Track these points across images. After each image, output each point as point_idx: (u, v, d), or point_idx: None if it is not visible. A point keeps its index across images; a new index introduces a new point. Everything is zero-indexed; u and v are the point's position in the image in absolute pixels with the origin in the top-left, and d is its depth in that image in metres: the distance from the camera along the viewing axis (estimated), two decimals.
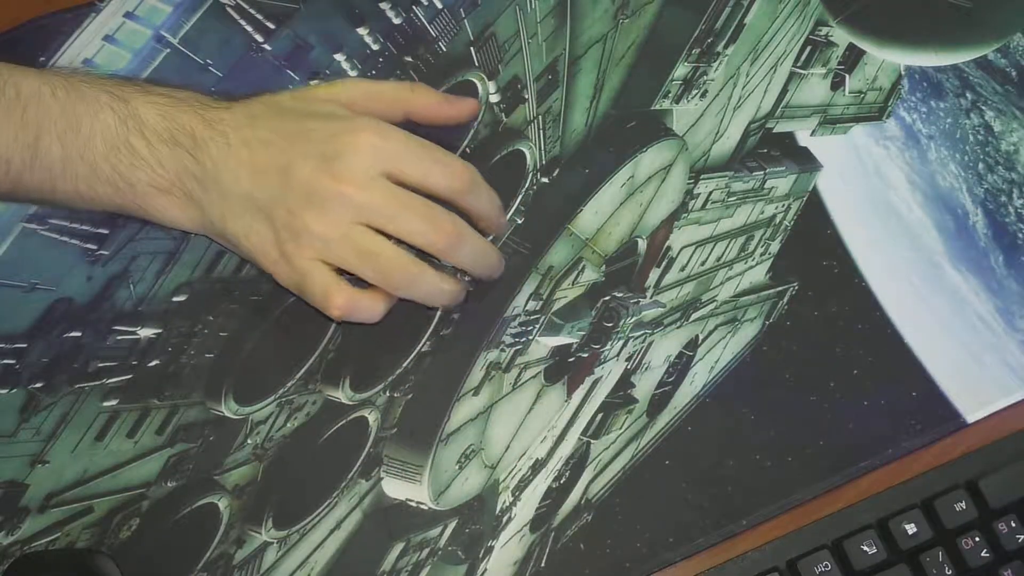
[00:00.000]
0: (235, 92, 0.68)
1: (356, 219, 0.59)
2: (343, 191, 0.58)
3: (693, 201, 0.70)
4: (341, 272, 0.61)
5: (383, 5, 0.71)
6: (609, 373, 0.67)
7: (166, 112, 0.60)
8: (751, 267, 0.70)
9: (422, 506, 0.64)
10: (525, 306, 0.67)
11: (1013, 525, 0.63)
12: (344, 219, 0.59)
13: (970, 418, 0.67)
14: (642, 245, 0.69)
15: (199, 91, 0.63)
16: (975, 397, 0.67)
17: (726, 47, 0.73)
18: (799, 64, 0.73)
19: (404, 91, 0.65)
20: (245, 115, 0.60)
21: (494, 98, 0.70)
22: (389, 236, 0.60)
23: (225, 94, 0.63)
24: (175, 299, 0.65)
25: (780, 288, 0.69)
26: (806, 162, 0.72)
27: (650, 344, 0.67)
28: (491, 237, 0.66)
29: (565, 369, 0.67)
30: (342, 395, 0.65)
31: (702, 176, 0.71)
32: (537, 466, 0.65)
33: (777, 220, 0.71)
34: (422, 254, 0.61)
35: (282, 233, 0.59)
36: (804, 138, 0.72)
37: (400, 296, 0.62)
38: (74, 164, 0.59)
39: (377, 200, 0.59)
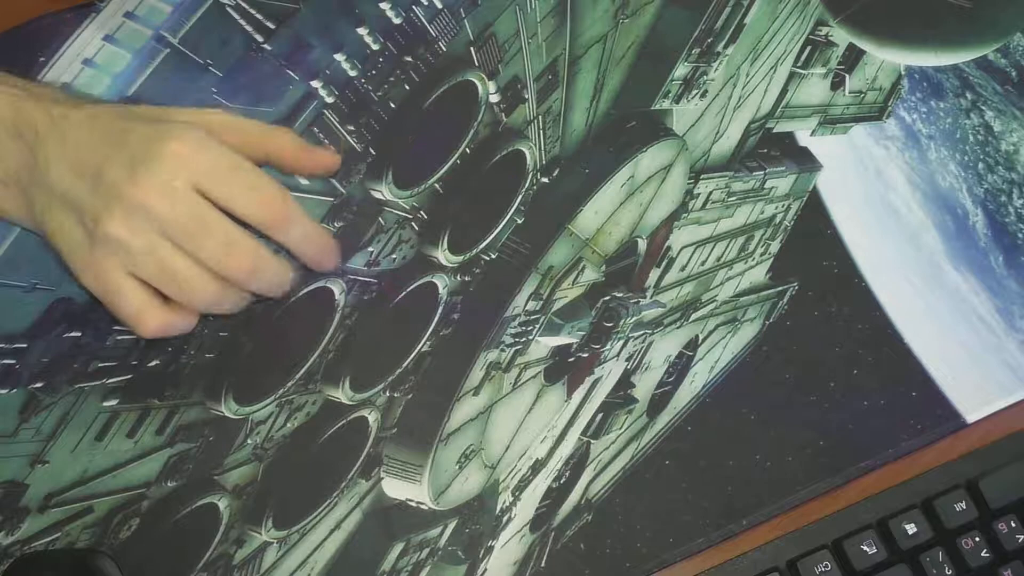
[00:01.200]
0: (235, 92, 0.68)
1: (158, 231, 0.56)
2: (145, 201, 0.56)
3: (693, 201, 0.70)
4: None
5: (383, 5, 0.71)
6: (609, 373, 0.67)
7: (15, 104, 0.58)
8: (751, 267, 0.70)
9: (422, 506, 0.64)
10: (525, 306, 0.67)
11: (1013, 525, 0.63)
12: (145, 230, 0.56)
13: (970, 418, 0.67)
14: (642, 245, 0.69)
15: (52, 87, 0.62)
16: (975, 397, 0.67)
17: (726, 47, 0.73)
18: (799, 64, 0.73)
19: (266, 133, 0.63)
20: (88, 115, 0.58)
21: (494, 98, 0.70)
22: None
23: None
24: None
25: (780, 288, 0.69)
26: (806, 162, 0.72)
27: (650, 344, 0.67)
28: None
29: (565, 369, 0.67)
30: (342, 395, 0.65)
31: (702, 176, 0.71)
32: (537, 466, 0.65)
33: (777, 220, 0.71)
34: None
35: (90, 237, 0.57)
36: (804, 138, 0.72)
37: (207, 312, 0.60)
38: None
39: (176, 215, 0.56)
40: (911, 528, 0.63)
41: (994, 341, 0.69)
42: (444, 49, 0.71)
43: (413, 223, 0.68)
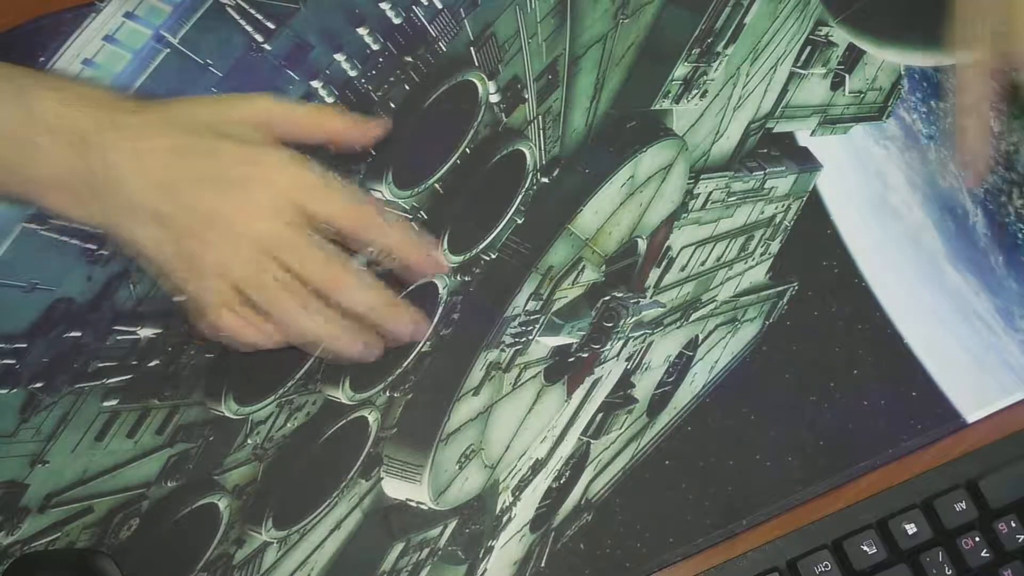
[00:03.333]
0: (235, 92, 0.68)
1: (254, 247, 0.59)
2: (244, 220, 0.59)
3: (693, 201, 0.70)
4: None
5: (383, 5, 0.71)
6: (609, 373, 0.67)
7: (60, 109, 0.59)
8: (751, 267, 0.70)
9: (422, 506, 0.64)
10: (525, 306, 0.67)
11: (1013, 525, 0.63)
12: (243, 246, 0.59)
13: (970, 418, 0.67)
14: (642, 245, 0.69)
15: (103, 88, 0.63)
16: (975, 397, 0.67)
17: (726, 47, 0.73)
18: (799, 64, 0.73)
19: (318, 115, 0.65)
20: (155, 123, 0.60)
21: (494, 98, 0.70)
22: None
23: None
24: (175, 299, 0.65)
25: (780, 288, 0.69)
26: (806, 162, 0.72)
27: (650, 344, 0.67)
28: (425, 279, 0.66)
29: (565, 369, 0.67)
30: (342, 395, 0.65)
31: (702, 176, 0.71)
32: (537, 466, 0.65)
33: (777, 220, 0.71)
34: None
35: (184, 248, 0.59)
36: (804, 138, 0.72)
37: (286, 334, 0.61)
38: None
39: (273, 233, 0.59)
40: (911, 528, 0.63)
41: (994, 341, 0.69)
42: (444, 49, 0.71)
43: (413, 223, 0.68)
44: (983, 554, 0.63)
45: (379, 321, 0.62)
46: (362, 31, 0.70)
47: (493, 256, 0.68)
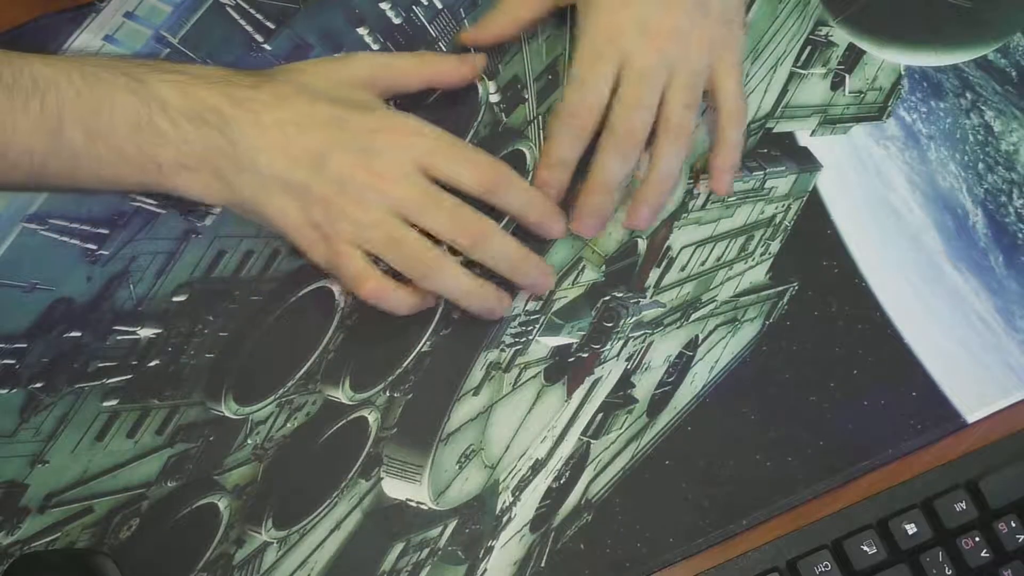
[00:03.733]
0: None
1: (388, 210, 0.61)
2: (378, 185, 0.61)
3: (693, 201, 0.70)
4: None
5: (383, 5, 0.71)
6: (609, 373, 0.67)
7: (186, 90, 0.60)
8: (751, 267, 0.70)
9: (422, 506, 0.64)
10: (525, 306, 0.67)
11: (1013, 525, 0.63)
12: (376, 209, 0.61)
13: (970, 418, 0.67)
14: (642, 245, 0.69)
15: (215, 66, 0.64)
16: (975, 397, 0.67)
17: None
18: (799, 64, 0.74)
19: (417, 61, 0.68)
20: (275, 95, 0.61)
21: (494, 98, 0.70)
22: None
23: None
24: (175, 299, 0.65)
25: (780, 288, 0.69)
26: (806, 162, 0.72)
27: (650, 344, 0.67)
28: (551, 245, 0.67)
29: (565, 369, 0.67)
30: (342, 395, 0.65)
31: (702, 176, 0.70)
32: (537, 466, 0.65)
33: (777, 220, 0.71)
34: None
35: (317, 217, 0.61)
36: (804, 138, 0.72)
37: (426, 287, 0.63)
38: (97, 148, 0.59)
39: (409, 195, 0.61)
40: (911, 528, 0.63)
41: (994, 341, 0.69)
42: (444, 49, 0.71)
43: None
44: (983, 554, 0.63)
45: (512, 273, 0.64)
46: (362, 31, 0.71)
47: None
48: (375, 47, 0.70)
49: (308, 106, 0.61)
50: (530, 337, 0.67)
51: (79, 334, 0.64)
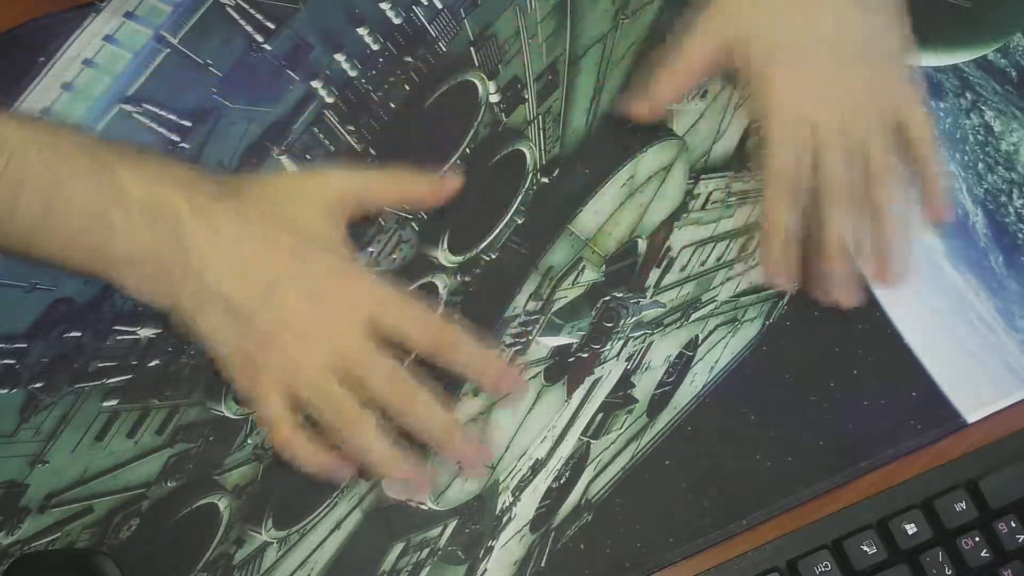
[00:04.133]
0: (235, 92, 0.68)
1: (325, 358, 0.59)
2: (323, 331, 0.59)
3: (693, 201, 0.70)
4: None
5: (383, 5, 0.71)
6: (609, 373, 0.67)
7: (149, 185, 0.58)
8: (751, 267, 0.70)
9: (422, 506, 0.64)
10: (525, 306, 0.67)
11: (1013, 525, 0.63)
12: (314, 354, 0.59)
13: (970, 418, 0.67)
14: (642, 245, 0.69)
15: (189, 164, 0.62)
16: (975, 397, 0.67)
17: None
18: None
19: (392, 182, 0.65)
20: (235, 213, 0.59)
21: (494, 98, 0.70)
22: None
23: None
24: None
25: (780, 288, 0.69)
26: None
27: (650, 344, 0.67)
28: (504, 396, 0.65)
29: (565, 369, 0.67)
30: None
31: (702, 176, 0.71)
32: (537, 466, 0.65)
33: None
34: None
35: (250, 349, 0.59)
36: None
37: (344, 445, 0.60)
38: (52, 224, 0.57)
39: (350, 348, 0.59)
40: (911, 528, 0.63)
41: (994, 341, 0.69)
42: (444, 49, 0.71)
43: (413, 223, 0.68)
44: (983, 554, 0.63)
45: (441, 445, 0.61)
46: (362, 31, 0.70)
47: (493, 256, 0.68)
48: (375, 47, 0.70)
49: (268, 231, 0.59)
50: (530, 337, 0.67)
51: (79, 334, 0.64)
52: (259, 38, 0.70)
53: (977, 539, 0.63)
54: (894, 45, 0.67)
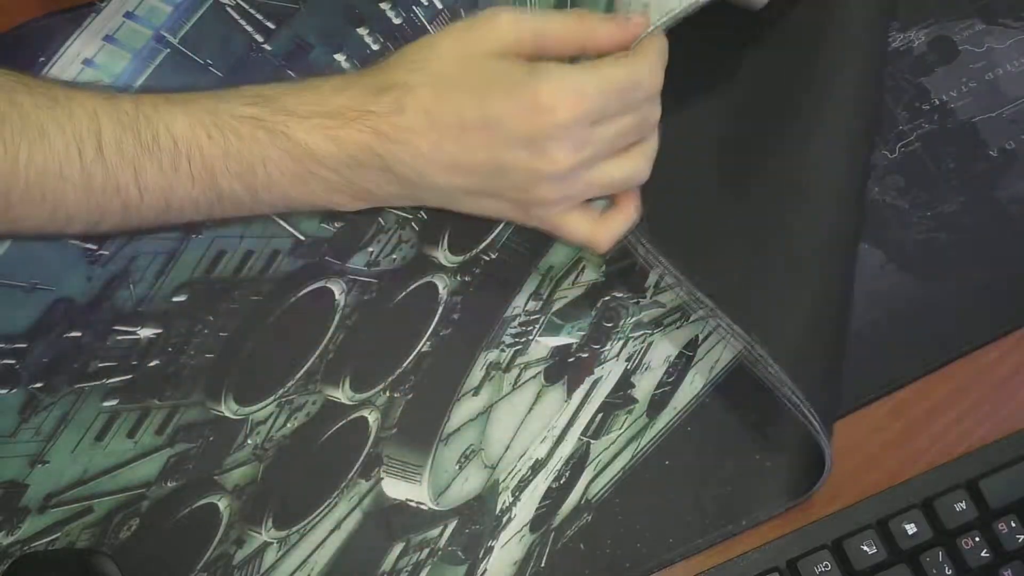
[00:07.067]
0: None
1: (582, 170, 0.59)
2: (563, 165, 0.58)
3: None
4: None
5: (383, 5, 0.71)
6: (609, 373, 0.67)
7: (331, 136, 0.57)
8: None
9: (422, 506, 0.64)
10: (525, 306, 0.67)
11: (1013, 525, 0.63)
12: (572, 179, 0.60)
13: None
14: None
15: (339, 80, 0.60)
16: None
17: None
18: None
19: (575, 24, 0.60)
20: (421, 114, 0.57)
21: None
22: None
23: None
24: (175, 299, 0.65)
25: None
26: None
27: (650, 344, 0.67)
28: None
29: (565, 369, 0.67)
30: (342, 395, 0.65)
31: None
32: (537, 466, 0.65)
33: None
34: None
35: (519, 204, 0.61)
36: None
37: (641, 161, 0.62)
38: (260, 197, 0.59)
39: (591, 152, 0.59)
40: (911, 528, 0.63)
41: None
42: None
43: (413, 223, 0.68)
44: (983, 554, 0.63)
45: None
46: (362, 31, 0.70)
47: (493, 256, 0.68)
48: (375, 47, 0.70)
49: (458, 113, 0.57)
50: (530, 337, 0.67)
51: (79, 334, 0.64)
52: (259, 38, 0.70)
53: (977, 539, 0.63)
54: None
